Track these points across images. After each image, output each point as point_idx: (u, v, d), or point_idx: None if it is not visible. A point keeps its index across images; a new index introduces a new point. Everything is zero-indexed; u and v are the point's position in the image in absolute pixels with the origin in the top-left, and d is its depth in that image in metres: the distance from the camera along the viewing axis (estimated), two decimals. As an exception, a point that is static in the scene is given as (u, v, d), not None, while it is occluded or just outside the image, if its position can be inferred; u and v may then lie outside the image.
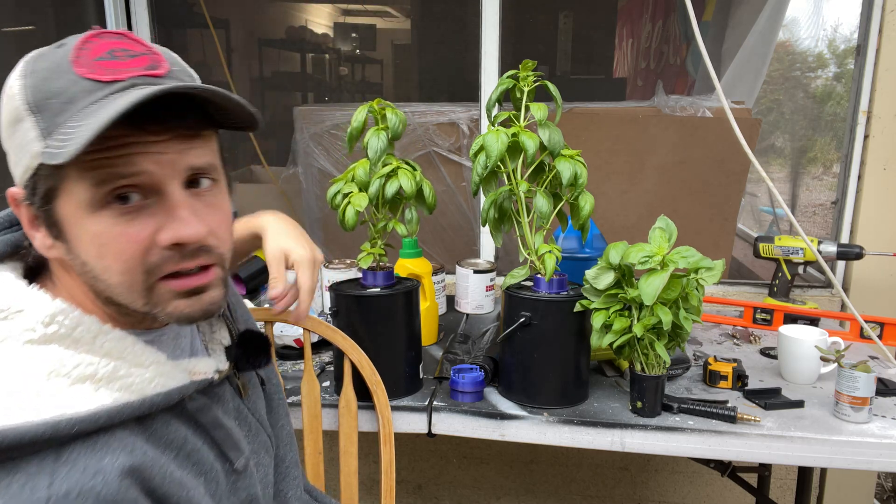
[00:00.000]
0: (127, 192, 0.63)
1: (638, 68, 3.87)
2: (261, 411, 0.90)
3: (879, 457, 1.27)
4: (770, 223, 3.11)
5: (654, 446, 1.32)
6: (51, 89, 0.61)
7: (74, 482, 0.55)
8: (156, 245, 0.65)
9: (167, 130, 0.64)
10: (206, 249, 0.68)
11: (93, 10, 2.35)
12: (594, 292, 1.33)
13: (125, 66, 0.63)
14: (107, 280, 0.65)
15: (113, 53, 0.63)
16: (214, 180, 0.70)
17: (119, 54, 0.63)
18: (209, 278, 0.69)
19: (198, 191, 0.68)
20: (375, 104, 1.61)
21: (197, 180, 0.68)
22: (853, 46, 2.11)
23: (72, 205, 0.63)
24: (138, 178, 0.63)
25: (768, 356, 1.69)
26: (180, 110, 0.64)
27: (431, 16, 4.16)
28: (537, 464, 2.46)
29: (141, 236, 0.64)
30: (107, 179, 0.62)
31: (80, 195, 0.62)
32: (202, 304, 0.69)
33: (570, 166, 1.30)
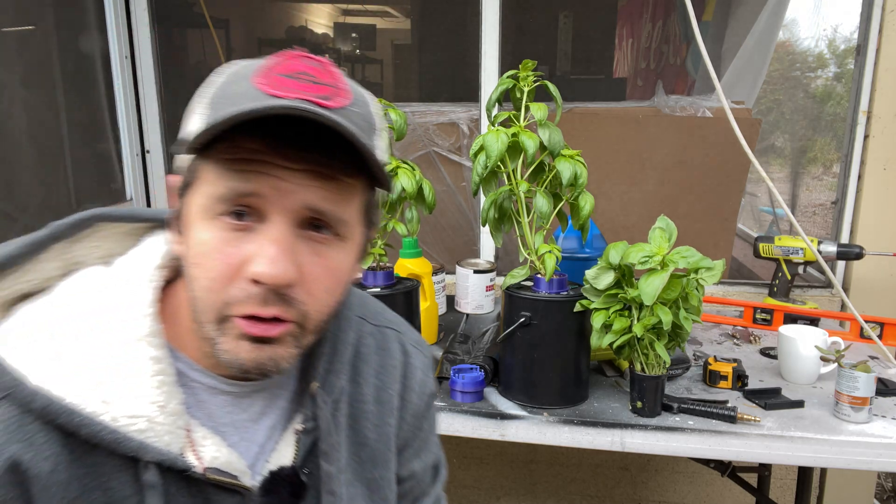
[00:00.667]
0: (241, 209, 0.59)
1: (638, 68, 3.87)
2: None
3: (879, 457, 1.27)
4: (770, 223, 3.11)
5: (654, 446, 1.32)
6: (226, 91, 0.60)
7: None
8: (242, 275, 0.60)
9: (302, 161, 0.59)
10: (286, 300, 0.61)
11: (93, 10, 2.35)
12: (594, 292, 1.33)
13: (300, 87, 0.59)
14: (195, 290, 0.62)
15: (297, 75, 0.60)
16: (339, 236, 0.63)
17: (303, 77, 0.60)
18: (279, 331, 0.61)
19: (311, 235, 0.62)
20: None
21: (316, 225, 0.62)
22: (853, 46, 2.11)
23: (196, 204, 0.61)
24: (250, 199, 0.59)
25: (768, 356, 1.69)
26: (337, 151, 0.59)
27: (431, 16, 4.16)
28: (537, 464, 2.46)
29: (233, 259, 0.59)
30: (226, 192, 0.59)
31: (202, 197, 0.60)
32: (259, 355, 0.62)
33: (570, 166, 1.30)
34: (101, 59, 2.39)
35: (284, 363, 0.63)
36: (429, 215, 1.69)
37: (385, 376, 0.80)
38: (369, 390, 0.78)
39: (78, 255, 0.70)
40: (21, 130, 2.17)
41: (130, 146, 2.45)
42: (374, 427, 0.78)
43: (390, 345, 0.82)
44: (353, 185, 0.62)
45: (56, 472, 0.58)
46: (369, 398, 0.78)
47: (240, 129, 0.56)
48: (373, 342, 0.81)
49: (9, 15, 2.12)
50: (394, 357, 0.82)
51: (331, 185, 0.60)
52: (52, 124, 2.32)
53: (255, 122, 0.56)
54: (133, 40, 2.42)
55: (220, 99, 0.60)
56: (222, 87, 0.61)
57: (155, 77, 2.46)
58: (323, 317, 0.65)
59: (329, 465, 0.72)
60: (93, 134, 2.47)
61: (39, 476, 0.58)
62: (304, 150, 0.58)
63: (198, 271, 0.61)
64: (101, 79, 2.41)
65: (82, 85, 2.41)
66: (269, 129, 0.57)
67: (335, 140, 0.58)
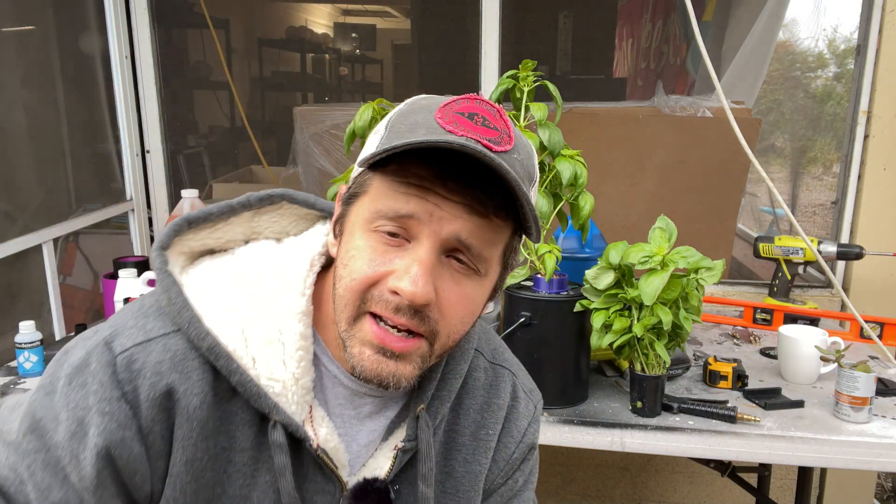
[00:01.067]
0: (397, 230, 0.65)
1: (638, 68, 3.87)
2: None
3: (879, 457, 1.27)
4: (770, 223, 3.11)
5: (654, 446, 1.32)
6: (408, 119, 0.67)
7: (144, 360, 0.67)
8: (383, 282, 0.65)
9: (461, 194, 0.64)
10: (421, 316, 0.65)
11: (93, 10, 2.35)
12: (594, 292, 1.33)
13: (473, 128, 0.64)
14: (338, 289, 0.68)
15: (473, 116, 0.65)
16: (477, 271, 0.68)
17: (478, 119, 0.65)
18: (405, 346, 0.66)
19: (453, 264, 0.67)
20: (376, 104, 1.61)
21: (458, 256, 0.67)
22: (853, 46, 2.11)
23: (359, 214, 0.68)
24: (407, 220, 0.64)
25: (768, 356, 1.69)
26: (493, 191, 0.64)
27: (431, 16, 4.16)
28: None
29: (379, 269, 0.65)
30: (387, 209, 0.65)
31: (366, 210, 0.67)
32: (382, 368, 0.66)
33: (570, 166, 1.30)
34: (101, 59, 2.39)
35: (405, 381, 0.68)
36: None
37: (488, 414, 0.82)
38: (468, 424, 0.81)
39: (259, 225, 0.79)
40: (21, 130, 2.17)
41: (130, 146, 2.45)
42: (464, 461, 0.80)
43: (501, 385, 0.84)
44: (502, 226, 0.67)
45: (201, 408, 0.67)
46: (466, 432, 0.81)
47: (412, 155, 0.62)
48: (483, 377, 0.83)
49: (9, 15, 2.12)
50: (501, 398, 0.83)
51: (482, 221, 0.65)
52: (53, 124, 2.32)
53: (427, 151, 0.62)
54: (133, 40, 2.42)
55: (401, 125, 0.66)
56: (404, 115, 0.68)
57: (155, 77, 2.46)
58: (451, 342, 0.70)
59: (427, 488, 0.75)
60: (93, 134, 2.47)
61: (187, 408, 0.67)
62: (465, 185, 0.64)
63: (346, 272, 0.67)
64: (101, 79, 2.41)
65: (82, 85, 2.41)
66: (438, 161, 0.63)
67: (495, 181, 0.63)
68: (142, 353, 0.67)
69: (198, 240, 0.76)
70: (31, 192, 2.23)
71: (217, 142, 3.81)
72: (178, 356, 0.67)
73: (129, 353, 0.67)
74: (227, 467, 0.69)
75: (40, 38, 2.27)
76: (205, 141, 3.57)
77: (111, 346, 0.67)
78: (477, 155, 0.61)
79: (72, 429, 0.65)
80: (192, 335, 0.68)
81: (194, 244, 0.76)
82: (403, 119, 0.67)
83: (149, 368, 0.66)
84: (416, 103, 0.69)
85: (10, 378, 1.55)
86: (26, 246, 2.00)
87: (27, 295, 2.12)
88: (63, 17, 2.34)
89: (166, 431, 0.67)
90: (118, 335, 0.68)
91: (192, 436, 0.67)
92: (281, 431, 0.68)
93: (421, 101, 0.70)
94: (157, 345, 0.67)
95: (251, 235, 0.79)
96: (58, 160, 2.35)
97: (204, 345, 0.67)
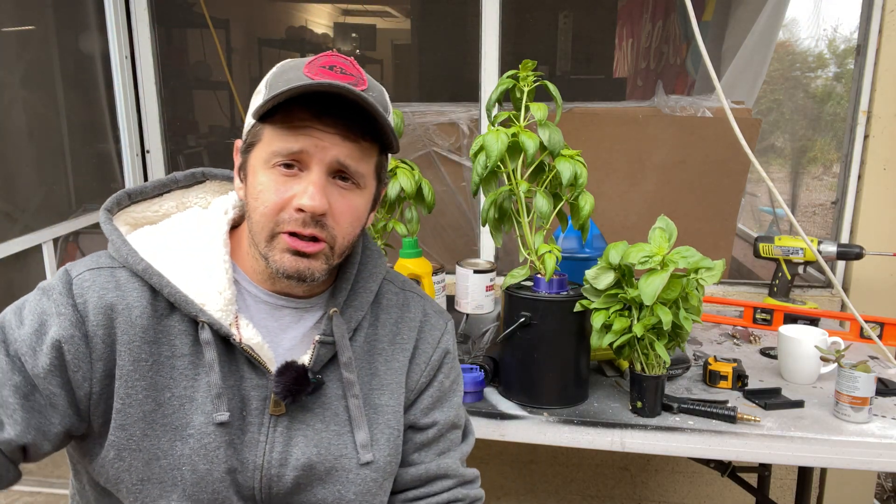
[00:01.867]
0: (291, 162, 0.83)
1: (638, 68, 3.87)
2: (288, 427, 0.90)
3: (879, 457, 1.27)
4: (770, 223, 3.11)
5: (654, 446, 1.32)
6: (280, 77, 0.84)
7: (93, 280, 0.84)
8: (289, 205, 0.84)
9: (334, 126, 0.83)
10: (321, 224, 0.85)
11: (93, 10, 2.35)
12: (594, 292, 1.33)
13: (334, 76, 0.83)
14: (253, 218, 0.86)
15: (333, 67, 0.84)
16: (358, 185, 0.87)
17: (336, 69, 0.84)
18: (314, 248, 0.85)
19: (338, 182, 0.86)
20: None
21: (343, 175, 0.86)
22: (853, 46, 2.11)
23: (258, 158, 0.86)
24: (298, 154, 0.83)
25: (768, 356, 1.69)
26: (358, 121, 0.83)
27: (431, 16, 4.16)
28: (537, 464, 2.46)
29: (283, 195, 0.84)
30: (281, 148, 0.83)
31: (263, 152, 0.85)
32: (299, 265, 0.85)
33: (570, 166, 1.30)
34: (101, 59, 2.39)
35: (318, 273, 0.87)
36: (429, 215, 1.69)
37: (402, 325, 1.00)
38: (385, 333, 0.98)
39: (188, 200, 0.99)
40: (21, 130, 2.17)
41: (130, 146, 2.45)
42: (385, 361, 0.97)
43: (412, 304, 1.03)
44: (371, 147, 0.87)
45: (141, 317, 0.84)
46: (385, 339, 0.98)
47: (293, 103, 0.81)
48: (395, 299, 1.02)
49: (9, 15, 2.12)
50: (413, 313, 1.02)
51: (355, 145, 0.85)
52: (53, 124, 2.32)
53: (303, 98, 0.80)
54: (133, 40, 2.41)
55: (277, 82, 0.84)
56: (277, 75, 0.86)
57: (155, 77, 2.46)
58: (347, 243, 0.89)
59: (350, 374, 0.92)
60: (93, 134, 2.47)
61: (129, 318, 0.83)
62: (337, 118, 0.83)
63: (257, 203, 0.85)
64: (101, 79, 2.41)
65: (82, 85, 2.41)
66: (313, 104, 0.82)
67: (360, 113, 0.83)
68: (93, 275, 0.85)
69: (138, 212, 0.95)
70: (31, 192, 2.23)
71: (217, 142, 3.81)
72: (122, 281, 0.85)
73: (83, 275, 0.85)
74: (171, 372, 0.85)
75: (40, 37, 2.27)
76: (205, 141, 3.57)
77: (69, 271, 0.86)
78: (343, 92, 0.79)
79: (34, 326, 0.81)
80: (131, 264, 0.85)
81: (136, 216, 0.95)
82: (278, 78, 0.85)
83: (97, 286, 0.84)
84: (285, 65, 0.88)
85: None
86: (26, 246, 2.00)
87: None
88: (63, 17, 2.34)
89: (108, 338, 0.82)
90: (77, 265, 0.87)
91: (136, 339, 0.83)
92: (208, 331, 0.85)
93: (289, 62, 0.88)
94: (105, 272, 0.86)
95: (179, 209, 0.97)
96: (58, 160, 2.35)
97: (139, 268, 0.85)
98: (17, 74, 2.15)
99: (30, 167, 2.20)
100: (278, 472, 0.88)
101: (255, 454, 0.87)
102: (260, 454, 0.87)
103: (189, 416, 0.84)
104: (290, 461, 0.88)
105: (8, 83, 2.11)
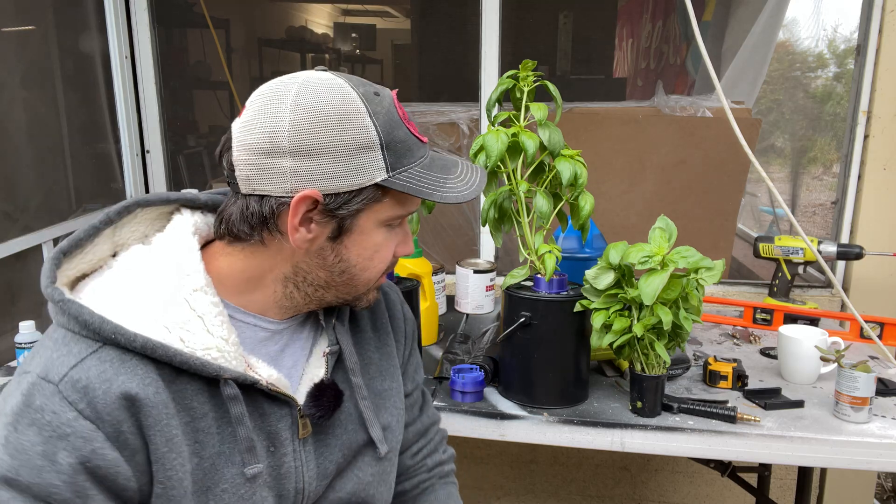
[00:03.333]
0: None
1: (638, 68, 3.87)
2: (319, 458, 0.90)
3: (879, 457, 1.27)
4: (770, 223, 3.11)
5: (654, 446, 1.32)
6: (395, 136, 0.81)
7: (86, 377, 0.71)
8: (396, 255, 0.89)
9: None
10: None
11: (93, 10, 2.35)
12: (594, 292, 1.33)
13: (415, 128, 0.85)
14: (361, 276, 0.87)
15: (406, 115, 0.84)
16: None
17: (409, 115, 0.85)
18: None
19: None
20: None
21: None
22: (853, 46, 2.11)
23: (372, 220, 0.83)
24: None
25: (768, 356, 1.69)
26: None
27: (431, 16, 4.16)
28: (537, 464, 2.46)
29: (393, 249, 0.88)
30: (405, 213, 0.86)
31: (381, 215, 0.84)
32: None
33: (570, 166, 1.30)
34: (101, 59, 2.39)
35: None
36: (429, 215, 1.68)
37: (374, 310, 1.02)
38: (365, 324, 1.01)
39: (121, 237, 0.86)
40: (21, 130, 2.17)
41: (130, 146, 2.45)
42: (375, 349, 1.00)
43: None
44: None
45: (158, 393, 0.75)
46: (367, 328, 1.00)
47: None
48: None
49: (9, 15, 2.12)
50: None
51: None
52: (53, 124, 2.32)
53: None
54: (133, 40, 2.41)
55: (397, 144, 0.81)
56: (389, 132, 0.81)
57: (155, 77, 2.46)
58: None
59: (356, 378, 0.93)
60: (93, 134, 2.46)
61: (147, 399, 0.74)
62: None
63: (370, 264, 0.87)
64: (101, 79, 2.41)
65: (82, 85, 2.41)
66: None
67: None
68: (81, 372, 0.72)
69: (72, 267, 0.81)
70: (31, 192, 2.23)
71: (217, 142, 3.79)
72: (117, 362, 0.73)
73: (69, 376, 0.71)
74: (197, 436, 0.78)
75: (40, 38, 2.27)
76: (205, 141, 3.57)
77: (47, 378, 0.71)
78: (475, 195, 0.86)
79: (39, 465, 0.69)
80: (122, 342, 0.73)
81: (70, 272, 0.81)
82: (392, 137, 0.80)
83: (94, 381, 0.71)
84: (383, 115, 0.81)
85: (10, 378, 1.55)
86: (26, 246, 2.00)
87: (27, 295, 2.12)
88: (63, 17, 2.33)
89: (135, 427, 0.73)
90: (49, 369, 0.72)
91: (162, 417, 0.75)
92: (233, 385, 0.79)
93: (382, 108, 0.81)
94: (92, 360, 0.73)
95: (117, 248, 0.86)
96: (58, 160, 2.35)
97: (137, 345, 0.74)
98: (17, 74, 2.15)
99: (30, 167, 2.20)
100: (316, 487, 0.90)
101: (296, 481, 0.87)
102: (300, 480, 0.88)
103: (221, 472, 0.80)
104: (326, 473, 0.91)
105: (8, 83, 2.11)
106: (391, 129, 0.81)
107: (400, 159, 0.81)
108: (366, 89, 0.81)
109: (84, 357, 0.73)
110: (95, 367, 0.72)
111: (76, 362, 0.72)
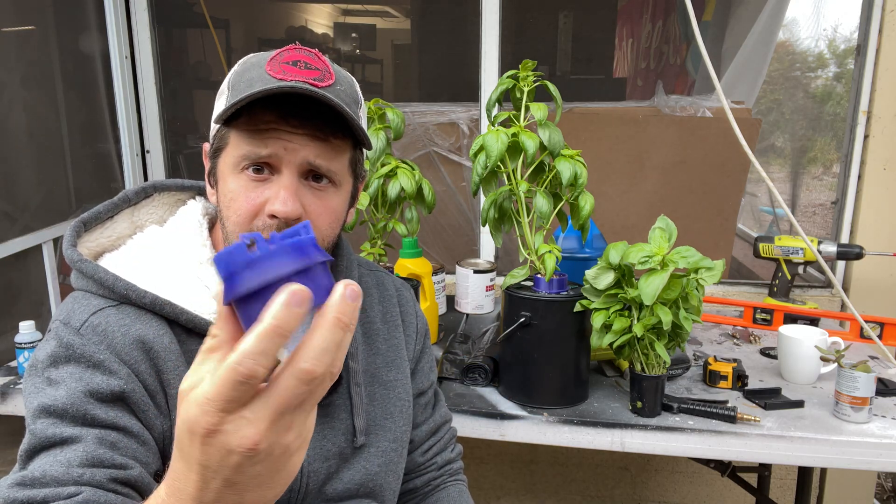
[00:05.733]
0: (261, 166, 0.81)
1: (638, 68, 3.87)
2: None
3: (879, 457, 1.27)
4: (770, 223, 3.11)
5: (654, 446, 1.32)
6: (242, 77, 0.82)
7: (105, 322, 0.79)
8: (262, 211, 0.81)
9: (303, 127, 0.80)
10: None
11: (93, 9, 2.35)
12: (594, 292, 1.33)
13: (299, 73, 0.79)
14: (227, 225, 0.84)
15: (297, 63, 0.80)
16: (334, 183, 0.85)
17: (300, 64, 0.80)
18: None
19: (311, 183, 0.83)
20: (372, 104, 1.61)
21: (316, 175, 0.83)
22: (853, 46, 2.11)
23: (226, 163, 0.83)
24: (268, 158, 0.80)
25: (768, 356, 1.69)
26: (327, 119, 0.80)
27: (431, 16, 4.16)
28: (537, 464, 2.46)
29: (255, 201, 0.81)
30: (248, 153, 0.80)
31: (231, 157, 0.82)
32: None
33: (570, 166, 1.30)
34: (101, 59, 2.39)
35: None
36: (429, 215, 1.69)
37: (385, 303, 1.05)
38: (375, 314, 1.02)
39: (139, 219, 0.94)
40: (21, 130, 2.17)
41: (130, 146, 2.45)
42: (384, 340, 1.01)
43: (385, 282, 1.08)
44: (342, 144, 0.84)
45: (172, 345, 0.81)
46: (377, 320, 1.02)
47: (256, 105, 0.78)
48: (370, 280, 1.06)
49: (9, 15, 2.12)
50: (389, 290, 1.07)
51: (324, 144, 0.82)
52: (53, 124, 2.32)
53: (268, 98, 0.77)
54: (133, 40, 2.42)
55: (239, 83, 0.81)
56: (239, 74, 0.83)
57: (155, 77, 2.46)
58: (327, 244, 0.87)
59: (355, 363, 0.94)
60: (93, 134, 2.46)
61: (162, 348, 0.80)
62: (304, 119, 0.80)
63: (229, 212, 0.83)
64: (101, 79, 2.41)
65: (82, 85, 2.41)
66: (278, 105, 0.78)
67: (328, 110, 0.79)
68: (100, 318, 0.79)
69: (93, 240, 0.89)
70: (31, 192, 2.23)
71: (217, 142, 3.80)
72: (132, 315, 0.80)
73: (88, 321, 0.79)
74: None
75: (40, 38, 2.27)
76: (204, 141, 3.57)
77: (69, 324, 0.79)
78: (307, 92, 0.76)
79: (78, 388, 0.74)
80: (133, 297, 0.80)
81: (91, 244, 0.89)
82: (240, 78, 0.82)
83: (113, 325, 0.79)
84: (247, 62, 0.84)
85: (10, 378, 1.55)
86: (26, 246, 2.00)
87: (27, 295, 2.12)
88: (63, 17, 2.34)
89: (152, 370, 0.79)
90: (70, 317, 0.80)
91: (177, 366, 0.80)
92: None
93: (251, 59, 0.84)
94: (110, 311, 0.80)
95: (135, 230, 0.93)
96: (58, 160, 2.35)
97: (147, 301, 0.80)
98: (17, 74, 2.15)
99: (30, 167, 2.20)
100: (317, 468, 0.90)
101: None
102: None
103: None
104: (327, 455, 0.91)
105: (8, 83, 2.11)
106: (243, 72, 0.82)
107: (237, 95, 0.78)
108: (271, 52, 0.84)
109: (103, 307, 0.80)
110: (114, 316, 0.79)
111: (95, 310, 0.80)
